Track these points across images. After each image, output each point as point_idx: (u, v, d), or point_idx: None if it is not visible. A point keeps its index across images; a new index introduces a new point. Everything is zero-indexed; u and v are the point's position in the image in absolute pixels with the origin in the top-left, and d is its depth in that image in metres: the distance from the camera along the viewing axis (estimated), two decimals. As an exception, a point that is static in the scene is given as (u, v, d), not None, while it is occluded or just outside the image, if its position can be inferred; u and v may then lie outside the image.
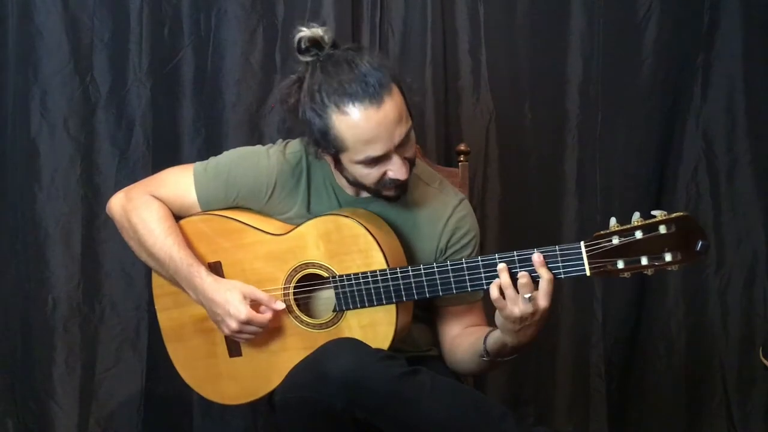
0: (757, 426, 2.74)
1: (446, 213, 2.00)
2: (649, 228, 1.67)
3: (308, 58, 1.86)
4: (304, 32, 1.86)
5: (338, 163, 1.90)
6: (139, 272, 2.59)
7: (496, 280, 1.77)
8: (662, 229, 1.66)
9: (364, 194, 1.98)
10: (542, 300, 1.74)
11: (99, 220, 2.59)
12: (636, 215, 1.69)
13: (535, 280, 1.75)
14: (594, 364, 2.73)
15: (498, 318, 1.79)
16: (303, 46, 1.86)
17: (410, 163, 1.88)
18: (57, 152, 2.57)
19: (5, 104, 2.58)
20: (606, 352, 2.73)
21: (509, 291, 1.75)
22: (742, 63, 2.72)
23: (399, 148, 1.84)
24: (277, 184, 1.99)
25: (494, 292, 1.77)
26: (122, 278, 2.61)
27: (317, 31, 1.86)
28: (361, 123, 1.80)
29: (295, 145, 2.03)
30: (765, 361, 2.47)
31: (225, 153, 2.05)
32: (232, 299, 1.91)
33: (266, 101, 2.61)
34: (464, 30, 2.67)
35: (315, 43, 1.86)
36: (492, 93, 2.68)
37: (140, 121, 2.59)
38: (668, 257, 1.67)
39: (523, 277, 1.74)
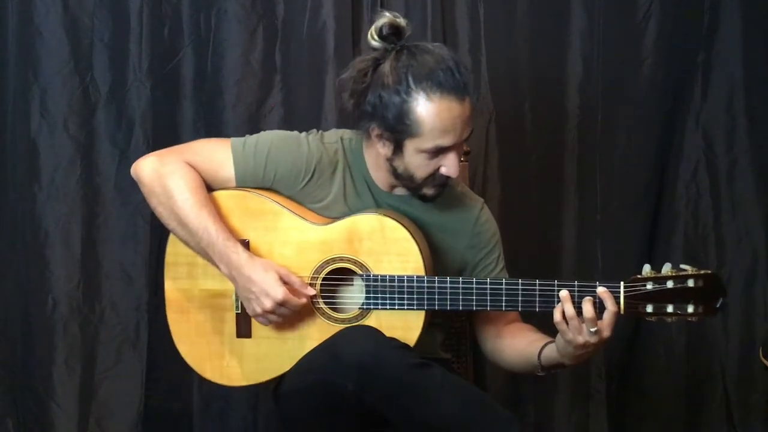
0: (757, 426, 2.74)
1: (473, 215, 2.04)
2: (680, 279, 1.79)
3: (386, 44, 1.89)
4: (387, 18, 1.89)
5: (398, 151, 1.91)
6: (139, 272, 2.59)
7: (560, 305, 1.81)
8: (690, 283, 1.79)
9: (398, 191, 2.00)
10: (606, 331, 1.80)
11: (99, 220, 2.59)
12: (667, 266, 1.81)
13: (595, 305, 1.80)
14: (594, 364, 2.73)
15: (559, 341, 1.84)
16: (384, 32, 1.89)
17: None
18: (57, 152, 2.57)
19: (5, 104, 2.57)
20: (606, 352, 2.72)
21: (574, 322, 1.79)
22: (742, 63, 2.72)
23: (459, 146, 1.91)
24: (315, 171, 1.98)
25: (557, 316, 1.81)
26: (122, 278, 2.61)
27: (401, 20, 1.90)
28: (445, 113, 1.85)
29: (331, 136, 2.03)
30: (765, 361, 2.47)
31: (262, 133, 2.03)
32: (269, 279, 1.88)
33: (266, 101, 2.61)
34: (464, 30, 2.67)
35: (396, 31, 1.89)
36: (492, 93, 2.68)
37: (140, 121, 2.59)
38: (690, 309, 1.80)
39: (588, 312, 1.78)
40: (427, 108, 1.85)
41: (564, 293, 1.81)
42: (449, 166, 1.90)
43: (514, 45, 2.71)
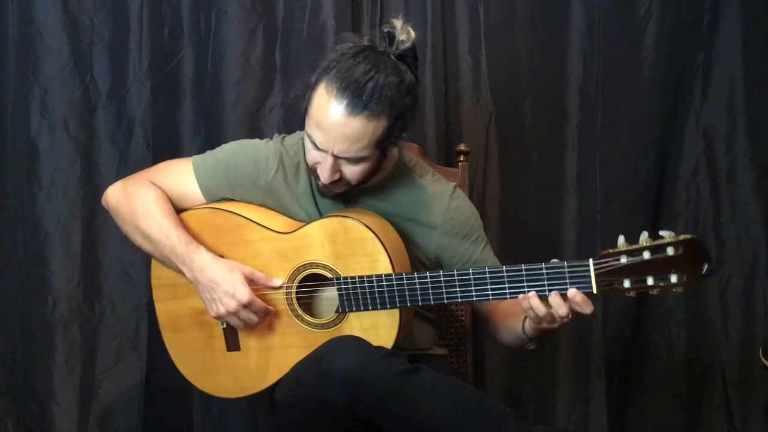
0: (757, 426, 2.74)
1: (444, 202, 2.03)
2: (657, 249, 1.69)
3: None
4: (390, 28, 1.87)
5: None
6: (139, 272, 2.59)
7: (527, 298, 1.78)
8: (670, 251, 1.68)
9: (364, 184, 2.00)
10: (586, 310, 1.77)
11: (99, 220, 2.59)
12: (644, 235, 1.70)
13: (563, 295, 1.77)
14: (594, 364, 2.73)
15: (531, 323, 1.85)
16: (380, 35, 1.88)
17: (346, 184, 1.90)
18: (57, 152, 2.57)
19: (5, 104, 2.57)
20: (606, 352, 2.73)
21: (545, 316, 1.78)
22: (742, 63, 2.72)
23: (340, 160, 1.86)
24: (278, 168, 2.01)
25: (525, 304, 1.79)
26: (122, 278, 2.61)
27: (399, 32, 1.86)
28: (323, 108, 1.83)
29: (292, 137, 2.06)
30: (765, 361, 2.47)
31: (222, 145, 2.08)
32: (234, 279, 1.91)
33: (266, 101, 2.61)
34: (464, 30, 2.68)
35: (390, 38, 1.86)
36: (492, 93, 2.68)
37: (140, 121, 2.59)
38: (674, 278, 1.69)
39: (560, 308, 1.76)
40: (317, 94, 1.84)
41: (532, 294, 1.77)
42: (321, 169, 1.88)
43: (514, 45, 2.71)
